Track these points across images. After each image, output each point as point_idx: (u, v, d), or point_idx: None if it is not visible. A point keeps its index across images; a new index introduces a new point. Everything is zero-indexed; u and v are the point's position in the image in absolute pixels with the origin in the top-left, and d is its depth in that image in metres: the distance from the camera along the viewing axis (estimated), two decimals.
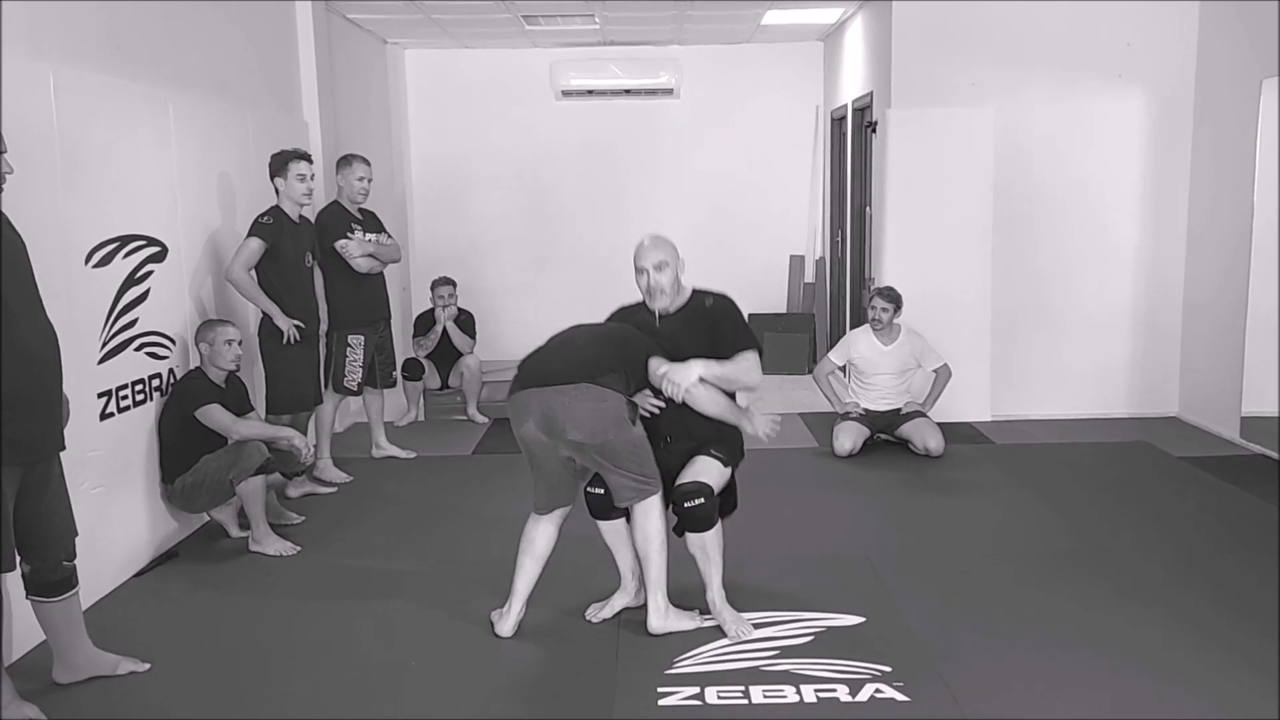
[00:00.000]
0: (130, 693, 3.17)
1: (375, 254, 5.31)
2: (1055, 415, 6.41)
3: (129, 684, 3.21)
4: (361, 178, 5.28)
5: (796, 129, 8.62)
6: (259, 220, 4.75)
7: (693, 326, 3.64)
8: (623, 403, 3.35)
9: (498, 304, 8.54)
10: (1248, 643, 3.33)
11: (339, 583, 4.05)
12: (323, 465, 5.32)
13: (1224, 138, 5.92)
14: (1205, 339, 6.17)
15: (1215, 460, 5.47)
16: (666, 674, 3.20)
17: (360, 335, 5.33)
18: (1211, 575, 3.91)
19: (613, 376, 3.37)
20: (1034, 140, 6.26)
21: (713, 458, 3.57)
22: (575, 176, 8.65)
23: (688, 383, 3.40)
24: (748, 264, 8.68)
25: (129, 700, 3.13)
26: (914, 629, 3.49)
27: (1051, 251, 6.36)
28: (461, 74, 8.47)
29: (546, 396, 3.36)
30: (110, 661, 3.24)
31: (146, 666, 3.28)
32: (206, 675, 3.31)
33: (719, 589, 3.55)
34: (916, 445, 5.62)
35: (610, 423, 3.31)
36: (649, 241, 3.70)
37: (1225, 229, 5.90)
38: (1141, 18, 6.15)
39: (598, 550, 3.72)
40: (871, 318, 5.73)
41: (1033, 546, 4.28)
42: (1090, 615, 3.57)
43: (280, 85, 5.93)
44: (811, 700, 3.04)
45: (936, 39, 6.18)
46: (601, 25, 7.51)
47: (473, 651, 3.42)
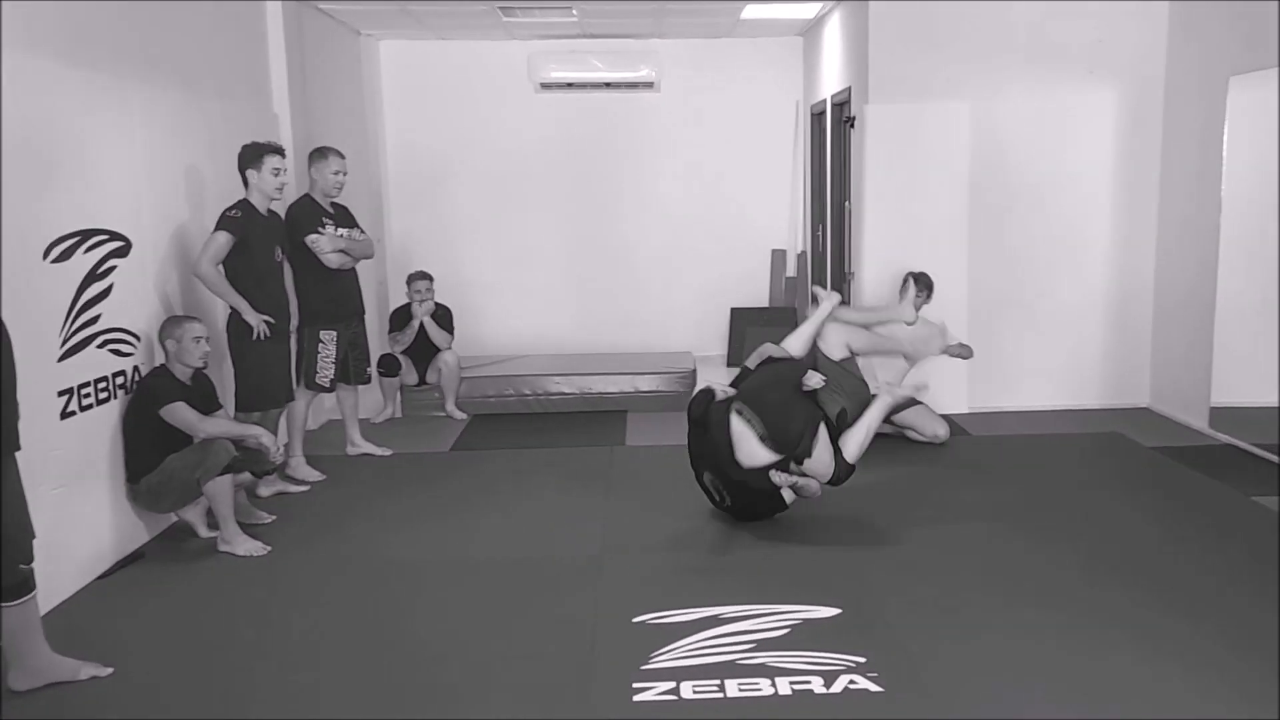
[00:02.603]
0: (91, 699, 3.11)
1: (347, 249, 5.26)
2: (1030, 407, 6.44)
3: (90, 690, 3.15)
4: (336, 171, 5.22)
5: (777, 123, 8.61)
6: (227, 214, 4.69)
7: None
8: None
9: (476, 298, 8.48)
10: (1222, 630, 3.34)
11: (310, 583, 4.00)
12: (295, 463, 5.26)
13: (1193, 133, 5.95)
14: (1175, 332, 6.20)
15: (1185, 450, 5.50)
16: (642, 669, 3.18)
17: (332, 331, 5.27)
18: (1184, 564, 3.93)
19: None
20: (1008, 135, 6.28)
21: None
22: (555, 170, 8.60)
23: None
24: (730, 258, 8.68)
25: (89, 706, 3.07)
26: (889, 620, 3.48)
27: (1026, 245, 6.39)
28: (438, 66, 8.40)
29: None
30: (70, 667, 3.17)
31: (109, 671, 3.22)
32: (172, 679, 3.25)
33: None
34: (924, 432, 5.66)
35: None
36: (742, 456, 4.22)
37: (1194, 223, 5.93)
38: (1112, 15, 6.18)
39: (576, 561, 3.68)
40: (902, 299, 5.57)
41: (1007, 537, 4.28)
42: (1064, 604, 3.57)
43: (249, 77, 5.85)
44: (786, 693, 3.02)
45: (913, 35, 6.19)
46: (580, 18, 7.47)
47: (447, 649, 3.38)
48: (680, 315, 8.73)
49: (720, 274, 8.69)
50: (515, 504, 4.88)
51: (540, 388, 6.78)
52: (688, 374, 6.86)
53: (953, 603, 3.63)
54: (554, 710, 2.98)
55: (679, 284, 8.72)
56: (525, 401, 6.76)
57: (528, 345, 8.45)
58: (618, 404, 6.78)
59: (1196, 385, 5.91)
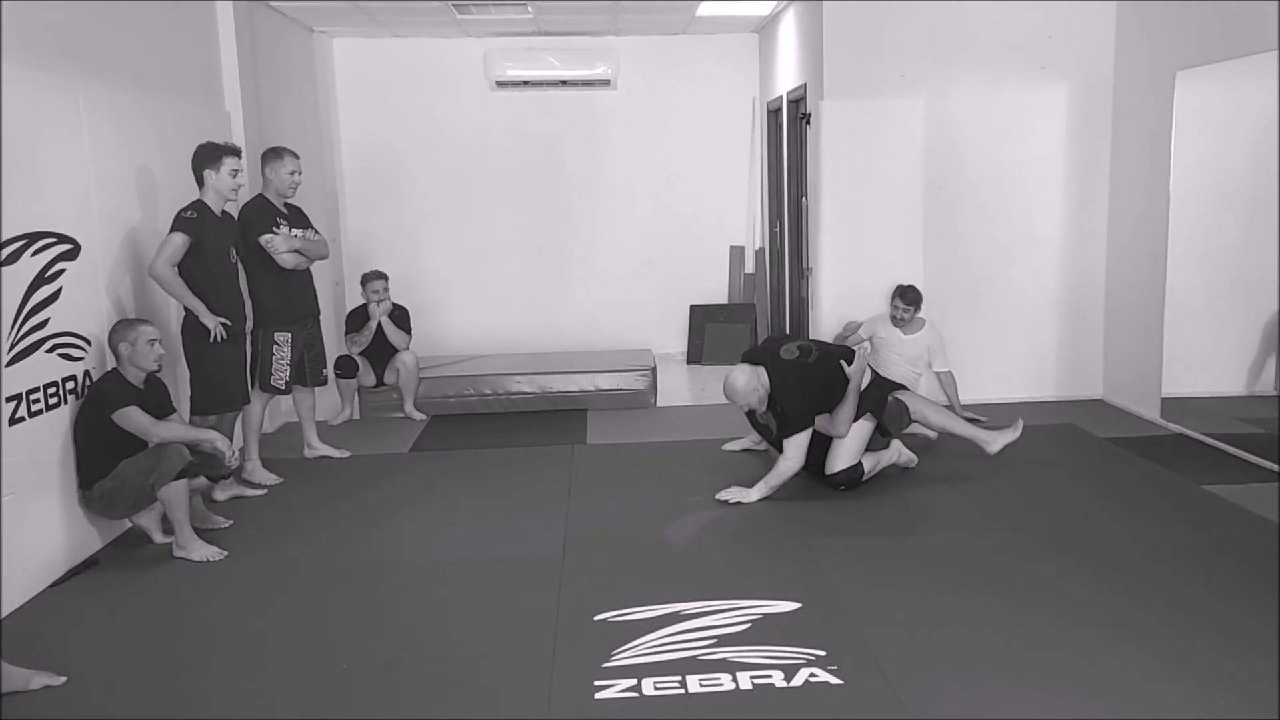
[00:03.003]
0: (44, 708, 3.05)
1: (302, 250, 5.20)
2: (987, 400, 6.51)
3: (42, 699, 3.10)
4: (292, 171, 5.17)
5: (734, 120, 8.64)
6: (182, 215, 4.62)
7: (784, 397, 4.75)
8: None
9: (434, 298, 8.44)
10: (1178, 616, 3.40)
11: (268, 588, 3.96)
12: (251, 467, 5.20)
13: (1141, 128, 6.05)
14: (1127, 324, 6.31)
15: (1138, 440, 5.61)
16: (604, 667, 3.19)
17: (287, 332, 5.22)
18: (1140, 553, 4.00)
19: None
20: (962, 131, 6.35)
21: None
22: (512, 168, 8.57)
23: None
24: (688, 255, 8.70)
25: (42, 716, 3.02)
26: (849, 612, 3.51)
27: (980, 239, 6.47)
28: (393, 63, 8.34)
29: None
30: (21, 676, 3.11)
31: (62, 680, 3.17)
32: (127, 687, 3.21)
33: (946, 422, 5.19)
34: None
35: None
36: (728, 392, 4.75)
37: (1144, 217, 6.04)
38: (1062, 12, 6.27)
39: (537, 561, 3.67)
40: (893, 317, 5.86)
41: (965, 528, 4.34)
42: (1023, 595, 3.62)
43: (201, 75, 5.78)
44: (747, 687, 3.04)
45: (867, 31, 6.25)
46: (535, 15, 7.44)
47: (408, 650, 3.37)
48: (639, 313, 8.74)
49: (679, 271, 8.71)
50: (475, 504, 4.86)
51: (500, 387, 6.76)
52: (647, 371, 6.87)
53: (911, 595, 3.67)
54: (515, 710, 2.98)
55: (638, 281, 8.73)
56: (485, 401, 6.74)
57: (487, 345, 8.42)
58: (578, 403, 6.77)
59: (1148, 377, 6.02)
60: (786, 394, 4.69)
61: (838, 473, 4.77)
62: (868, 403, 4.83)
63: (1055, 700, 2.92)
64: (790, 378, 4.70)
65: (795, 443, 4.68)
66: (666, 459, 5.56)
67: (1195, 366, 5.83)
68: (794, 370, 4.72)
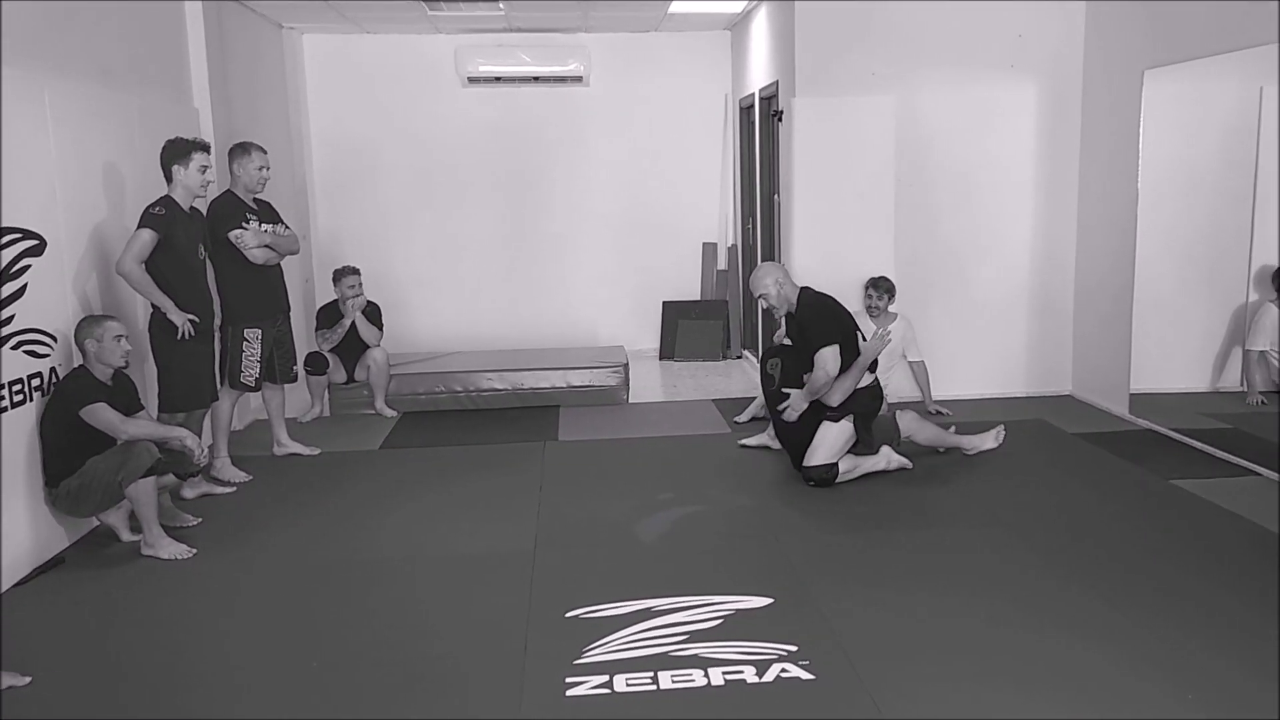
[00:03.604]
0: (7, 709, 3.01)
1: (272, 245, 5.17)
2: (959, 396, 6.56)
3: (7, 700, 3.06)
4: (260, 167, 5.12)
5: (706, 117, 8.64)
6: (150, 210, 4.57)
7: (795, 328, 4.92)
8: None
9: (405, 294, 8.40)
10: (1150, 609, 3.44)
11: (237, 586, 3.92)
12: (220, 464, 5.16)
13: (1110, 126, 6.11)
14: (1096, 321, 6.38)
15: (1107, 436, 5.66)
16: (575, 664, 3.18)
17: (257, 329, 5.17)
18: (1111, 547, 4.03)
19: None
20: (933, 128, 6.39)
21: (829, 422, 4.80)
22: (484, 164, 8.53)
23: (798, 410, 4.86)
24: (661, 251, 8.70)
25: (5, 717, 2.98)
26: (820, 608, 3.53)
27: (951, 236, 6.51)
28: (363, 59, 8.28)
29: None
30: None
31: (27, 680, 3.13)
32: (93, 687, 3.17)
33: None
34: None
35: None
36: (752, 277, 4.98)
37: (1112, 214, 6.10)
38: (1032, 11, 6.33)
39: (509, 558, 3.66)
40: (868, 306, 5.92)
41: (937, 524, 4.37)
42: (995, 590, 3.65)
43: (168, 70, 5.71)
44: (719, 683, 3.04)
45: (838, 29, 6.27)
46: (506, 12, 7.41)
47: (379, 648, 3.35)
48: (612, 309, 8.73)
49: (652, 267, 8.72)
50: (446, 501, 4.84)
51: (471, 384, 6.73)
52: (620, 368, 6.87)
53: (883, 591, 3.69)
54: (486, 708, 2.97)
55: (610, 278, 8.72)
56: (456, 398, 6.71)
57: (458, 341, 8.38)
58: (550, 399, 6.76)
59: (1116, 373, 6.09)
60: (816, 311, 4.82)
61: (812, 467, 4.79)
62: (858, 404, 4.84)
63: (1027, 696, 2.95)
64: (824, 301, 4.86)
65: (823, 356, 4.71)
66: (639, 455, 5.56)
67: (1163, 362, 5.91)
68: (830, 299, 4.87)
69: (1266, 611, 3.41)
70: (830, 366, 4.70)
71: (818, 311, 4.82)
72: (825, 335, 4.74)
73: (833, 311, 4.84)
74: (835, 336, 4.73)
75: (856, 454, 4.89)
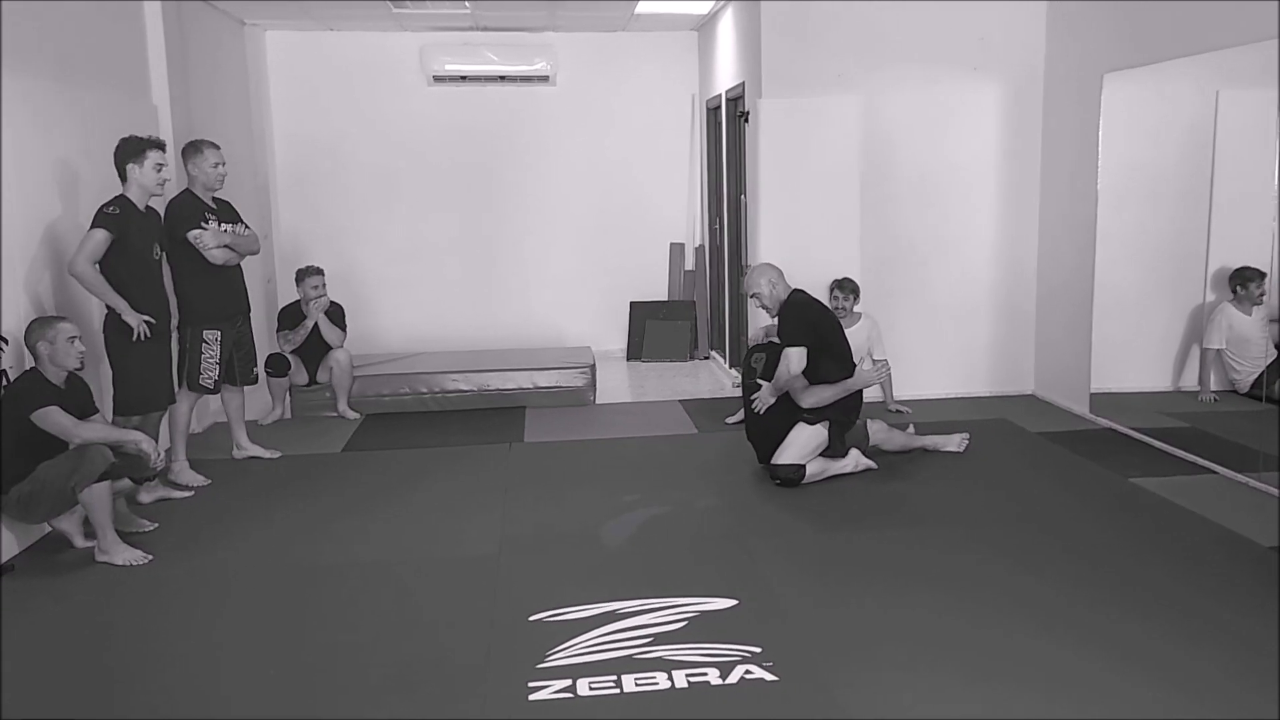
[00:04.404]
0: None
1: (232, 245, 5.09)
2: (922, 395, 6.60)
3: None
4: (215, 164, 5.05)
5: (673, 118, 8.64)
6: (104, 210, 4.50)
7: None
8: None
9: (369, 294, 8.32)
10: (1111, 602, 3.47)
11: (195, 593, 3.86)
12: (178, 468, 5.08)
13: (1070, 129, 6.17)
14: (1057, 321, 6.44)
15: (1068, 435, 5.72)
16: (538, 668, 3.15)
17: (216, 330, 5.10)
18: (1071, 543, 4.06)
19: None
20: (897, 129, 6.42)
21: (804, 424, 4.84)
22: (450, 163, 8.47)
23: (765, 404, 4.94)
24: (629, 252, 8.69)
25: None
26: (785, 609, 3.52)
27: (916, 237, 6.54)
28: (327, 57, 8.20)
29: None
30: None
31: None
32: (45, 697, 3.10)
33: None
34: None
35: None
36: (747, 274, 5.13)
37: (1073, 216, 6.16)
38: (994, 14, 6.38)
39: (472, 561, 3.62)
40: (834, 307, 5.93)
41: (901, 523, 4.38)
42: (959, 589, 3.66)
43: (126, 67, 5.62)
44: (683, 685, 3.03)
45: (804, 30, 6.28)
46: (472, 10, 7.37)
47: (340, 654, 3.30)
48: (579, 309, 8.70)
49: (619, 268, 8.70)
50: (410, 504, 4.79)
51: (436, 385, 6.68)
52: (587, 369, 6.84)
53: (847, 591, 3.69)
54: (448, 712, 2.93)
55: (577, 278, 8.69)
56: (421, 400, 6.66)
57: (423, 342, 8.32)
58: (516, 400, 6.73)
59: (1077, 373, 6.15)
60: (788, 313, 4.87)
61: (780, 466, 4.80)
62: (836, 411, 4.85)
63: (991, 692, 2.96)
64: (797, 303, 4.90)
65: (788, 354, 4.77)
66: (605, 457, 5.54)
67: (1123, 362, 5.96)
68: (803, 304, 4.91)
69: (1227, 605, 3.44)
70: (793, 366, 4.77)
71: (795, 313, 4.88)
72: (793, 336, 4.82)
73: (810, 320, 4.87)
74: (802, 340, 4.79)
75: (826, 457, 4.90)
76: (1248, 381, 5.18)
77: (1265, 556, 3.90)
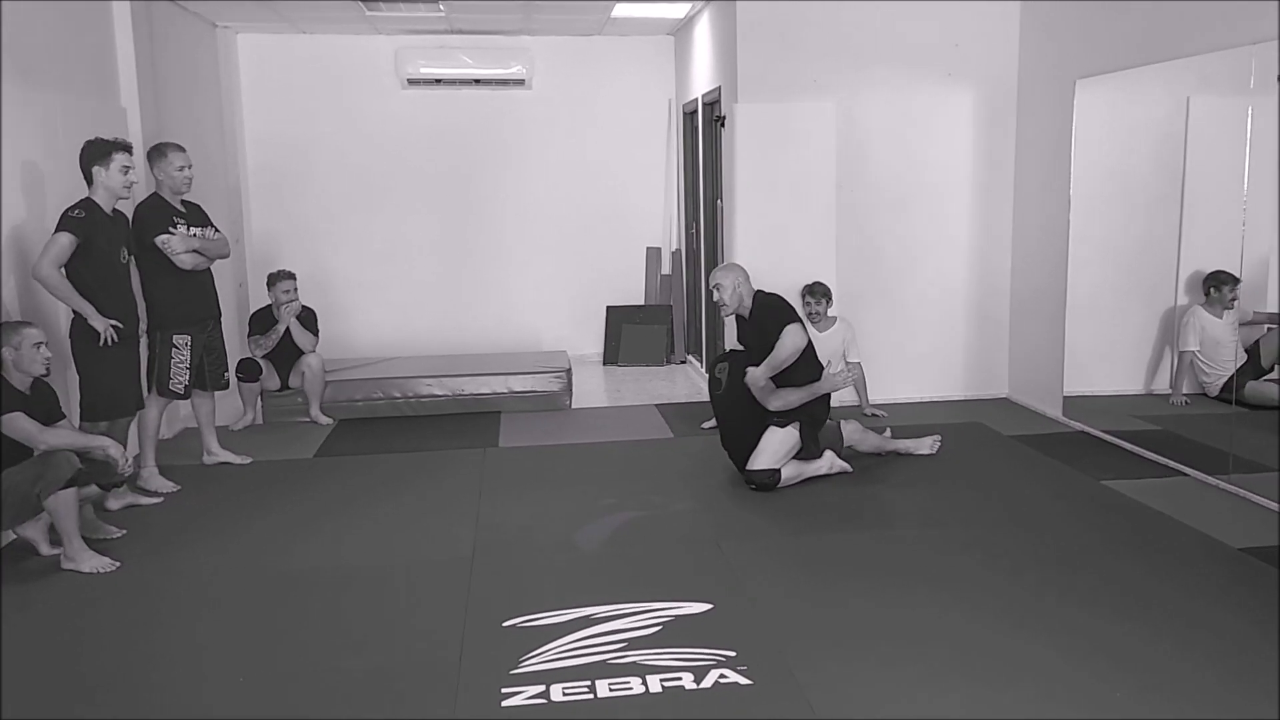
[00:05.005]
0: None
1: (201, 249, 5.04)
2: (898, 399, 6.61)
3: None
4: (182, 167, 4.99)
5: (650, 122, 8.63)
6: (69, 214, 4.44)
7: (752, 328, 4.95)
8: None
9: (342, 298, 8.27)
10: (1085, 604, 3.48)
11: (164, 601, 3.81)
12: (147, 474, 5.02)
13: (1043, 134, 6.22)
14: (1031, 325, 6.48)
15: (1041, 438, 5.75)
16: (511, 674, 3.13)
17: (186, 335, 5.04)
18: (1044, 545, 4.08)
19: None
20: (873, 134, 6.44)
21: (775, 428, 4.84)
22: (425, 167, 8.43)
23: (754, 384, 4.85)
24: (605, 256, 8.67)
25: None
26: (760, 612, 3.52)
27: (891, 241, 6.56)
28: (300, 60, 8.14)
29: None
30: None
31: None
32: (10, 706, 3.04)
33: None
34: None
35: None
36: (715, 270, 5.04)
37: (1046, 220, 6.20)
38: (968, 20, 6.42)
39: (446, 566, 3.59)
40: (807, 312, 5.96)
41: (875, 526, 4.39)
42: (933, 591, 3.67)
43: (94, 69, 5.55)
44: (657, 690, 3.01)
45: (780, 35, 6.29)
46: (447, 13, 7.34)
47: (308, 661, 3.26)
48: (555, 314, 8.68)
49: (595, 272, 8.68)
50: (383, 510, 4.75)
51: (410, 390, 6.63)
52: (562, 373, 6.82)
53: (822, 594, 3.69)
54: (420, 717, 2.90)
55: (553, 282, 8.67)
56: (395, 404, 6.61)
57: (397, 347, 8.27)
58: (491, 405, 6.69)
59: (1050, 376, 6.18)
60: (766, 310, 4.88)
61: (754, 471, 4.79)
62: (805, 413, 4.85)
63: (966, 692, 2.96)
64: (769, 298, 4.93)
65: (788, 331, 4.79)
66: (580, 462, 5.52)
67: (1096, 366, 6.01)
68: (773, 295, 4.94)
69: (1200, 605, 3.47)
70: (798, 339, 4.78)
71: (772, 306, 4.90)
72: (780, 319, 4.83)
73: (787, 303, 4.95)
74: (795, 316, 4.87)
75: (801, 460, 4.89)
76: (1218, 385, 5.22)
77: (1236, 557, 3.93)
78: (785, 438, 4.83)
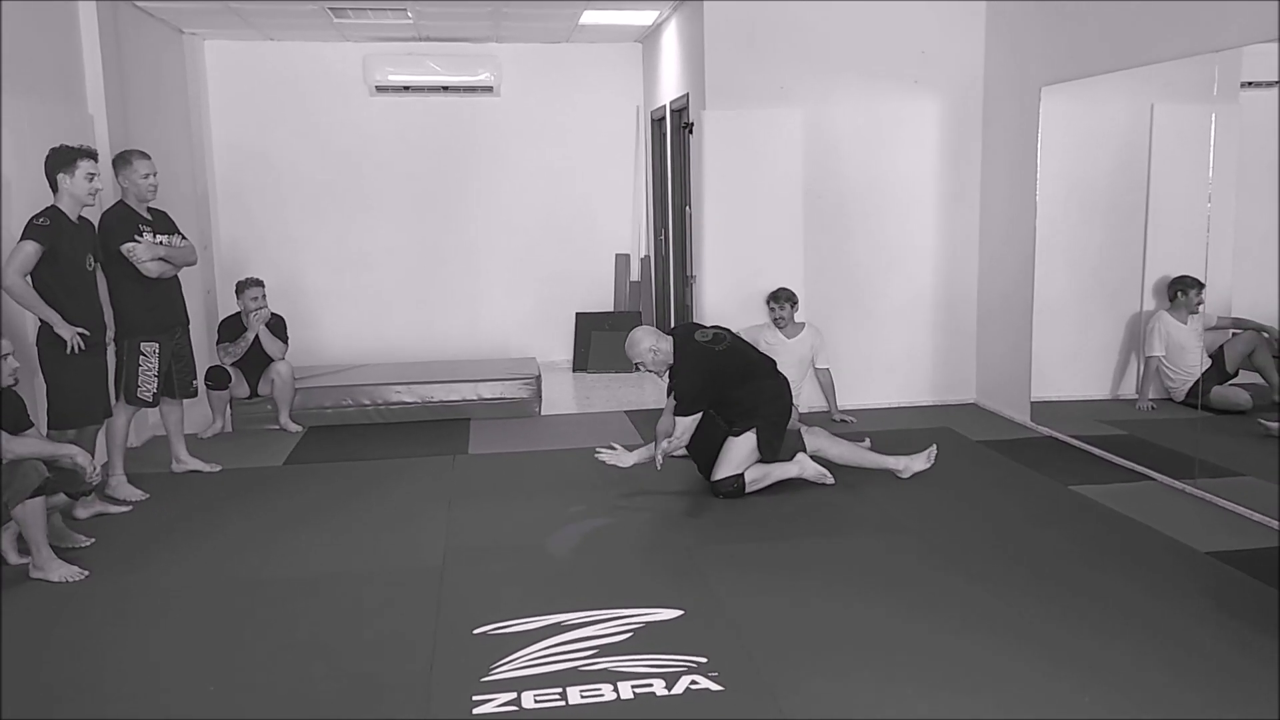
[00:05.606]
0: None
1: (167, 257, 5.00)
2: (866, 404, 6.66)
3: None
4: (146, 175, 4.96)
5: (618, 129, 8.66)
6: (34, 222, 4.40)
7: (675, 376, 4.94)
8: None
9: (311, 306, 8.23)
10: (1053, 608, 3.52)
11: (132, 610, 3.77)
12: (115, 482, 4.97)
13: (1009, 141, 6.29)
14: (998, 331, 6.55)
15: (1009, 443, 5.81)
16: (482, 681, 3.13)
17: (154, 342, 5.00)
18: (1013, 550, 4.13)
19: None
20: (840, 141, 6.49)
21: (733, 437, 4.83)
22: (393, 174, 8.41)
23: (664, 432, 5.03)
24: (574, 263, 8.68)
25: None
26: (732, 619, 3.53)
27: (859, 247, 6.61)
28: (268, 66, 8.10)
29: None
30: None
31: None
32: None
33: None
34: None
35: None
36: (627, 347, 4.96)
37: (1012, 226, 6.28)
38: (934, 28, 6.48)
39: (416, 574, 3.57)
40: (773, 319, 6.01)
41: (846, 532, 4.42)
42: (903, 596, 3.69)
43: (60, 76, 5.50)
44: (628, 697, 3.02)
45: (747, 43, 6.33)
46: (415, 20, 7.33)
47: (278, 670, 3.25)
48: (524, 320, 8.68)
49: (564, 279, 8.68)
50: (352, 518, 4.73)
51: (379, 397, 6.61)
52: (532, 380, 6.82)
53: (792, 600, 3.70)
54: None
55: (522, 289, 8.67)
56: (364, 412, 6.58)
57: (366, 354, 8.23)
58: (460, 412, 6.67)
59: (1017, 382, 6.25)
60: (684, 374, 4.81)
61: (719, 480, 4.81)
62: (760, 416, 4.86)
63: (935, 696, 2.99)
64: (692, 359, 4.83)
65: (683, 424, 4.79)
66: (550, 469, 5.52)
67: (1062, 371, 6.07)
68: (698, 352, 4.84)
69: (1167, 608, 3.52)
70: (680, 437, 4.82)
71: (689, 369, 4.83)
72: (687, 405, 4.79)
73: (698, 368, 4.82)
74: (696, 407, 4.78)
75: (765, 462, 4.91)
76: (1183, 390, 5.30)
77: (1203, 561, 3.98)
78: (743, 444, 4.83)
